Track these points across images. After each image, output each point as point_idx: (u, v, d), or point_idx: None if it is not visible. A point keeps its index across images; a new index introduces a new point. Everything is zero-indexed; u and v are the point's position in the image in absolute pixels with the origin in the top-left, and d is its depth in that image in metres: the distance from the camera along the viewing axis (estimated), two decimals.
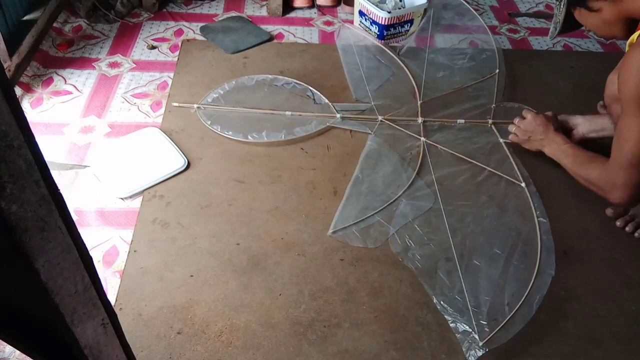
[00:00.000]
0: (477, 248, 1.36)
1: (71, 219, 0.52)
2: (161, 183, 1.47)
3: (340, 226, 1.39)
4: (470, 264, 1.32)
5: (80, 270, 0.54)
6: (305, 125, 1.67)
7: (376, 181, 1.51)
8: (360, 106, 1.77)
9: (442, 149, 1.63)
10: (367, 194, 1.48)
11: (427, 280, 1.28)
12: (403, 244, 1.36)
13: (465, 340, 1.17)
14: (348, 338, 1.17)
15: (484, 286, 1.27)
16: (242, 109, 1.72)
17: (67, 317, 0.54)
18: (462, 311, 1.22)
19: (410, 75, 1.92)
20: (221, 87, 1.79)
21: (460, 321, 1.20)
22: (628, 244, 1.41)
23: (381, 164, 1.57)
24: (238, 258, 1.31)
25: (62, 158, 1.53)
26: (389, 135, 1.67)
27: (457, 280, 1.28)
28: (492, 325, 1.19)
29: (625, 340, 1.21)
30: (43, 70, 1.84)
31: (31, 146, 0.47)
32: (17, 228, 0.46)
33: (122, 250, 1.31)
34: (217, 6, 2.30)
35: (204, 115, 1.68)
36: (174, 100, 1.75)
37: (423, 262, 1.32)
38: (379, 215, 1.42)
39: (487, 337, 1.16)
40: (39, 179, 0.48)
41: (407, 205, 1.45)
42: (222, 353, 1.13)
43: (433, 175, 1.54)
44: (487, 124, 1.72)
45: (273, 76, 1.86)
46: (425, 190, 1.50)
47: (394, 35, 2.11)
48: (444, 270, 1.30)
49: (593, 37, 2.25)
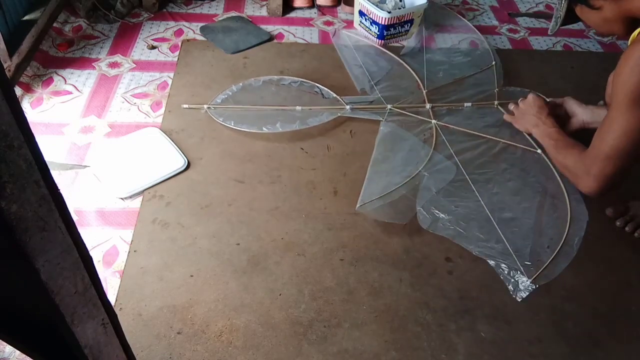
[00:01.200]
0: (506, 205, 1.44)
1: (71, 219, 0.52)
2: (161, 183, 1.47)
3: (367, 200, 1.41)
4: (503, 217, 1.39)
5: (80, 270, 0.54)
6: (318, 117, 1.70)
7: (395, 161, 1.56)
8: (367, 98, 1.81)
9: (454, 128, 1.69)
10: (388, 172, 1.52)
11: (462, 240, 1.35)
12: (432, 216, 1.40)
13: (511, 280, 1.24)
14: (348, 338, 1.17)
15: (520, 234, 1.35)
16: (252, 107, 1.73)
17: (67, 317, 0.54)
18: (503, 255, 1.28)
19: (411, 70, 1.95)
20: (229, 89, 1.79)
21: (505, 263, 1.26)
22: (628, 244, 1.41)
23: (398, 146, 1.62)
24: (238, 258, 1.31)
25: (62, 158, 1.53)
26: (400, 121, 1.72)
27: (494, 231, 1.36)
28: (537, 265, 1.28)
29: (625, 340, 1.21)
30: (43, 70, 1.84)
31: (31, 146, 0.47)
32: (17, 228, 0.46)
33: (122, 250, 1.31)
34: (217, 6, 2.30)
35: (216, 114, 1.70)
36: (177, 101, 1.75)
37: (455, 226, 1.37)
38: (404, 189, 1.45)
39: (534, 275, 1.25)
40: (39, 179, 0.48)
41: (430, 179, 1.50)
42: (222, 353, 1.13)
43: (451, 149, 1.60)
44: (494, 105, 1.78)
45: (279, 76, 1.87)
46: (446, 163, 1.56)
47: (394, 36, 2.11)
48: (478, 227, 1.37)
49: (593, 37, 2.25)
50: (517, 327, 1.21)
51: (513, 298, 1.26)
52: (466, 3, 2.46)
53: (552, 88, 1.93)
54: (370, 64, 1.98)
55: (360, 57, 2.00)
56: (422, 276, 1.30)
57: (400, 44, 2.13)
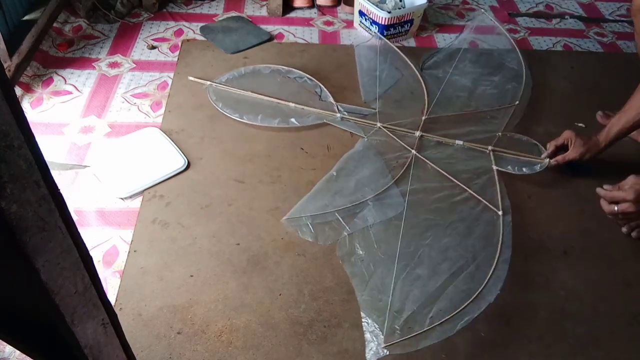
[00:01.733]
0: (425, 262, 1.30)
1: (71, 219, 0.52)
2: (161, 183, 1.47)
3: (295, 215, 1.39)
4: (411, 274, 1.27)
5: (80, 270, 0.54)
6: (302, 118, 1.68)
7: (348, 183, 1.49)
8: (363, 110, 1.76)
9: (430, 165, 1.57)
10: (335, 192, 1.46)
11: (357, 282, 1.26)
12: (351, 248, 1.33)
13: (371, 340, 1.15)
14: (348, 338, 1.17)
15: (415, 295, 1.22)
16: (250, 93, 1.76)
17: (67, 317, 0.54)
18: (380, 311, 1.19)
19: (426, 91, 1.84)
20: (237, 70, 1.84)
21: (374, 320, 1.17)
22: (628, 243, 1.41)
23: (361, 168, 1.54)
24: (238, 258, 1.31)
25: (62, 158, 1.53)
26: (382, 142, 1.64)
27: (390, 284, 1.24)
28: (404, 332, 1.16)
29: (625, 340, 1.21)
30: (43, 70, 1.84)
31: (31, 146, 0.47)
32: (17, 228, 0.46)
33: (122, 250, 1.31)
34: (217, 6, 2.30)
35: (213, 93, 1.76)
36: (177, 101, 1.75)
37: (362, 267, 1.28)
38: (340, 214, 1.40)
39: (393, 341, 1.13)
40: (39, 179, 0.48)
41: (371, 210, 1.41)
42: (222, 353, 1.13)
43: (409, 186, 1.49)
44: (486, 150, 1.62)
45: (288, 68, 1.89)
46: (397, 199, 1.45)
47: (394, 35, 2.11)
48: (380, 277, 1.26)
49: (593, 37, 2.26)
50: (517, 327, 1.21)
51: (513, 298, 1.26)
52: (466, 3, 2.46)
53: (552, 88, 1.94)
54: (385, 74, 1.90)
55: (379, 66, 1.92)
56: None
57: (400, 44, 2.13)
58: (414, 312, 1.19)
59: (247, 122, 1.66)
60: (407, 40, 2.16)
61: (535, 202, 1.51)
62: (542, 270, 1.33)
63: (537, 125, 1.76)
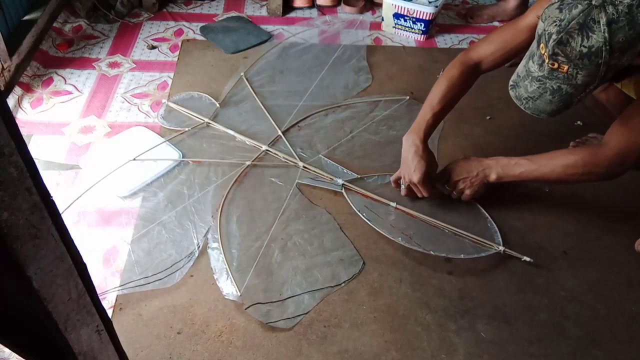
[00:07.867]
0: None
1: (64, 226, 0.52)
2: (161, 183, 1.47)
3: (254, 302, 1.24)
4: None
5: (74, 277, 0.53)
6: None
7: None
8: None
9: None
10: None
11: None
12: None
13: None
14: (348, 338, 1.17)
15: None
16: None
17: (61, 324, 0.53)
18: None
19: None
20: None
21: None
22: (628, 244, 1.40)
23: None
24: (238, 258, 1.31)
25: (62, 158, 1.53)
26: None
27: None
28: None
29: (625, 340, 1.20)
30: (43, 70, 1.84)
31: (22, 153, 0.46)
32: (9, 236, 0.46)
33: (122, 250, 1.31)
34: (217, 6, 2.29)
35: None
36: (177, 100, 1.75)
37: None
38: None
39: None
40: (31, 186, 0.47)
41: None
42: (222, 353, 1.13)
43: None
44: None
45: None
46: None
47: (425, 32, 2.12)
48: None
49: None
50: (517, 327, 1.21)
51: (513, 298, 1.26)
52: (466, 3, 2.45)
53: None
54: None
55: None
56: (422, 276, 1.30)
57: (401, 44, 2.12)
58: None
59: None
60: (407, 40, 2.15)
61: (535, 203, 1.50)
62: (542, 271, 1.33)
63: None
